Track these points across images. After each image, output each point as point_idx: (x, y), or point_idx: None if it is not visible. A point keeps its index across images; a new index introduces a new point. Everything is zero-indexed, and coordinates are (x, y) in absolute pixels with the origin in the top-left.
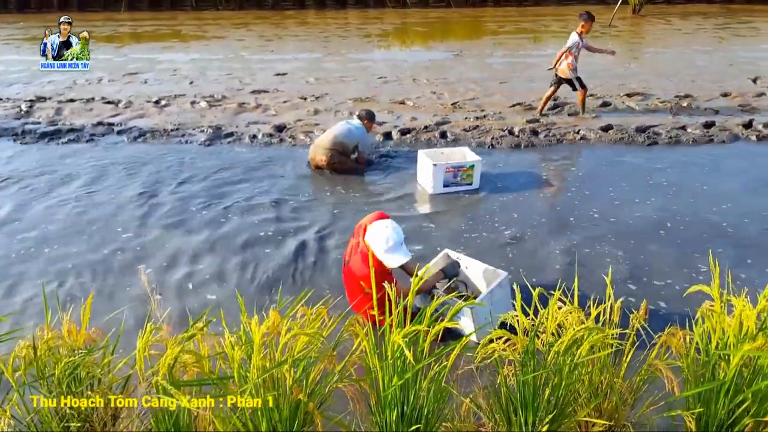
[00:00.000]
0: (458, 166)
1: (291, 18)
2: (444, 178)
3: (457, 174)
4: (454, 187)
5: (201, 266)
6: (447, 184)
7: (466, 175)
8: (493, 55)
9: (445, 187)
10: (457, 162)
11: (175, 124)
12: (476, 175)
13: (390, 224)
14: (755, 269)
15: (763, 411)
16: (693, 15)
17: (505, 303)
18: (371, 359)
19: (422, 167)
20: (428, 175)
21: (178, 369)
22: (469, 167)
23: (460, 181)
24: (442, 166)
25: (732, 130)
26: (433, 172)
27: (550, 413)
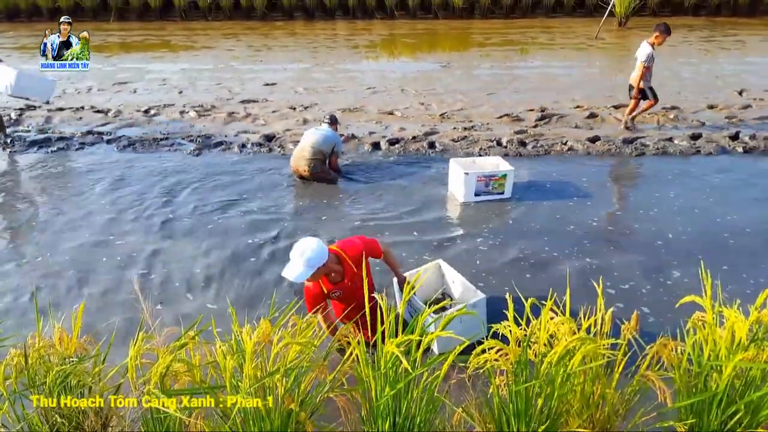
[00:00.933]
0: (490, 175)
1: (280, 29)
2: (476, 187)
3: (489, 183)
4: (485, 196)
5: (193, 275)
6: (478, 192)
7: (498, 185)
8: (480, 67)
9: (476, 195)
10: (490, 171)
11: (165, 133)
12: (508, 184)
13: (306, 241)
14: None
15: (756, 422)
16: (679, 27)
17: (476, 324)
18: (363, 369)
19: (453, 175)
20: (459, 184)
21: (170, 378)
22: (502, 176)
23: (492, 190)
24: (473, 174)
25: (719, 142)
26: (465, 181)
27: (542, 424)
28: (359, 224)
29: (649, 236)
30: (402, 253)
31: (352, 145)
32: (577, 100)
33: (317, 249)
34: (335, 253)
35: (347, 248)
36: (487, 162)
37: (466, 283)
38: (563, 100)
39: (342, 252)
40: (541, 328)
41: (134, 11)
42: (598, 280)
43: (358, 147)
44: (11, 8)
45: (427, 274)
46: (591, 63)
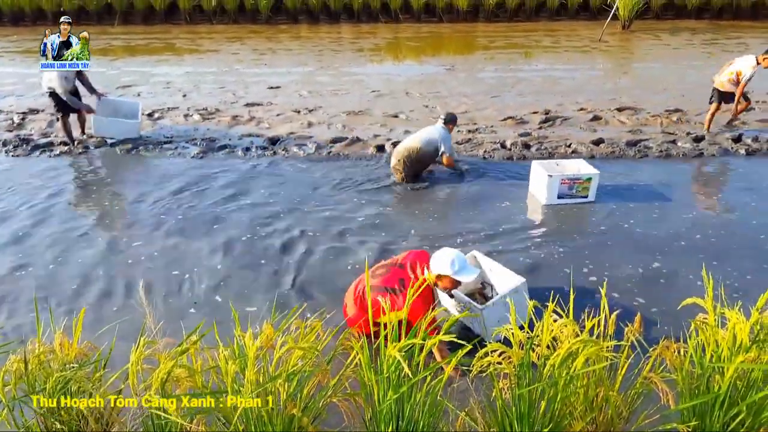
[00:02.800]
0: (575, 178)
1: (284, 32)
2: (559, 190)
3: (573, 186)
4: (568, 198)
5: (195, 279)
6: (561, 195)
7: (582, 188)
8: (484, 70)
9: (559, 198)
10: (574, 174)
11: (168, 136)
12: (593, 187)
13: (450, 250)
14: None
15: (758, 424)
16: (682, 31)
17: (520, 309)
18: (366, 373)
19: (536, 178)
20: (542, 186)
21: (171, 383)
22: (586, 180)
23: (576, 193)
24: (557, 177)
25: (722, 144)
26: (548, 183)
27: (545, 427)
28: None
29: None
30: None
31: (357, 148)
32: (581, 103)
33: (455, 253)
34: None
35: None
36: (570, 165)
37: (504, 270)
38: (567, 102)
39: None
40: (544, 331)
41: (138, 15)
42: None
43: (363, 150)
44: (16, 12)
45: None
46: (594, 66)
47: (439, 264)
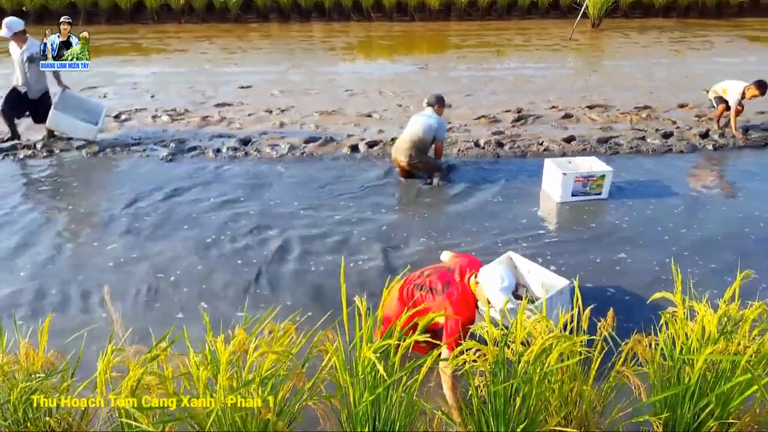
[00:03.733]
0: (588, 175)
1: (255, 31)
2: (573, 188)
3: (587, 183)
4: (582, 196)
5: (165, 283)
6: (575, 193)
7: (596, 185)
8: (457, 69)
9: (573, 196)
10: (588, 171)
11: (136, 138)
12: (606, 185)
13: (502, 267)
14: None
15: (726, 413)
16: (650, 29)
17: (566, 309)
18: (342, 375)
19: (549, 176)
20: (556, 184)
21: (142, 391)
22: (600, 177)
23: (590, 190)
24: (571, 175)
25: (690, 140)
26: (562, 181)
27: (521, 423)
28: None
29: None
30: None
31: (331, 147)
32: (552, 101)
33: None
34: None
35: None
36: (582, 162)
37: (545, 272)
38: (539, 101)
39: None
40: (518, 328)
41: (103, 14)
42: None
43: (337, 150)
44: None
45: (500, 265)
46: (565, 64)
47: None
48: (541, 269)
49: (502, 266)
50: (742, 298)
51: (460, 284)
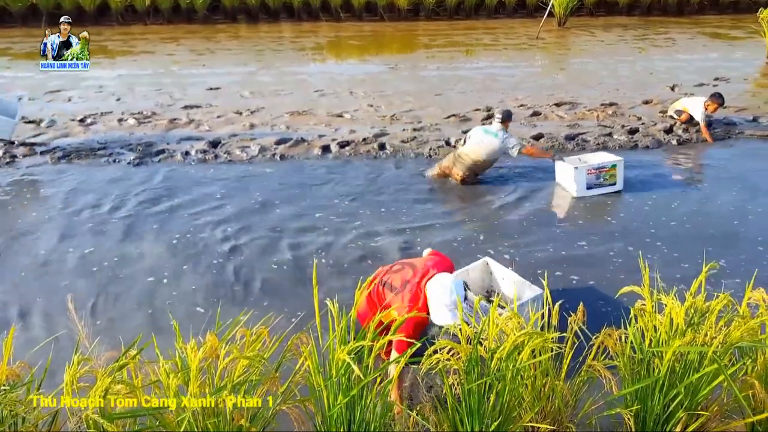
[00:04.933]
0: (600, 167)
1: (222, 32)
2: (587, 181)
3: (600, 175)
4: (597, 189)
5: (134, 290)
6: (590, 186)
7: (609, 176)
8: (427, 68)
9: (588, 189)
10: (599, 163)
11: (102, 142)
12: (619, 175)
13: (456, 283)
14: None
15: (695, 404)
16: (614, 27)
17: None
18: (315, 378)
19: (562, 172)
20: (570, 179)
21: (111, 401)
22: (611, 167)
23: (603, 182)
24: (584, 168)
25: (655, 135)
26: (575, 176)
27: (495, 420)
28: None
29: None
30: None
31: (302, 148)
32: (521, 99)
33: (458, 284)
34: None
35: (445, 262)
36: (591, 157)
37: (518, 279)
38: (507, 99)
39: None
40: (490, 325)
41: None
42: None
43: (309, 151)
44: None
45: (474, 272)
46: (532, 63)
47: (437, 289)
48: (516, 276)
49: (455, 279)
50: (711, 288)
51: (415, 285)
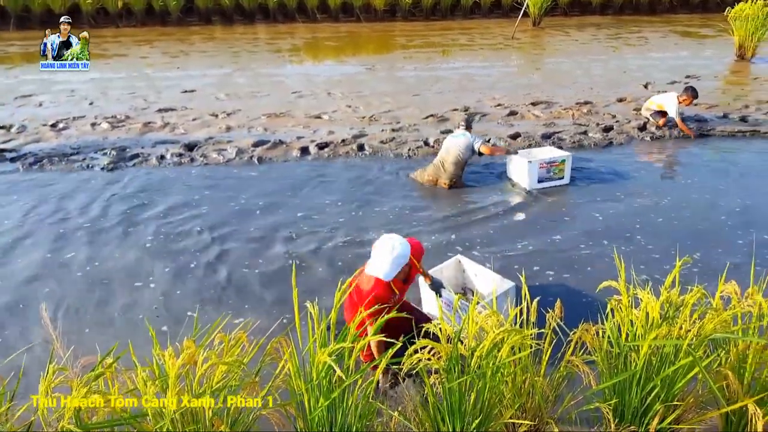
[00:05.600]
0: (551, 161)
1: (197, 34)
2: (538, 174)
3: (550, 169)
4: (547, 182)
5: (109, 297)
6: (541, 179)
7: (558, 170)
8: (404, 69)
9: (539, 182)
10: (550, 158)
11: (75, 147)
12: (567, 169)
13: (403, 243)
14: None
15: (671, 396)
16: (588, 26)
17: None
18: (296, 382)
19: (515, 166)
20: (523, 173)
21: (87, 411)
22: (561, 162)
23: (553, 176)
24: (536, 162)
25: (629, 132)
26: (528, 169)
27: (476, 418)
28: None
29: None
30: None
31: (280, 150)
32: (497, 99)
33: (404, 245)
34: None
35: (413, 247)
36: (542, 152)
37: (491, 274)
38: (484, 99)
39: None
40: (470, 324)
41: (36, 18)
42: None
43: (287, 153)
44: None
45: (448, 270)
46: (508, 62)
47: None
48: (489, 272)
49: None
50: (685, 282)
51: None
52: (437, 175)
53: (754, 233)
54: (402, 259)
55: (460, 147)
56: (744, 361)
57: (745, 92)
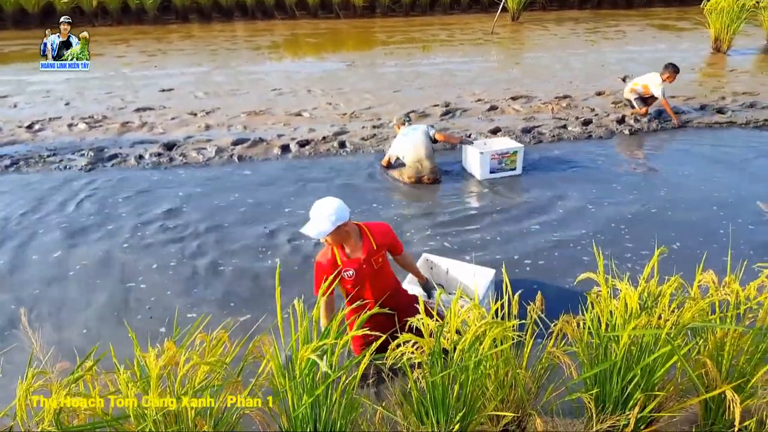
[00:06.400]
0: (503, 152)
1: (174, 32)
2: (490, 165)
3: (502, 160)
4: (500, 172)
5: (87, 299)
6: (493, 170)
7: (510, 161)
8: (385, 65)
9: (491, 173)
10: (503, 149)
11: (52, 149)
12: (519, 161)
13: (341, 205)
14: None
15: (651, 384)
16: (566, 20)
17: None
18: (279, 379)
19: (469, 156)
20: (476, 163)
21: (67, 414)
22: (513, 153)
23: (505, 166)
24: (488, 153)
25: (608, 126)
26: (480, 160)
27: (460, 411)
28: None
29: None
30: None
31: (261, 149)
32: (478, 94)
33: (339, 205)
34: (357, 225)
35: (373, 226)
36: (496, 142)
37: (467, 266)
38: (465, 94)
39: (365, 227)
40: (452, 317)
41: (9, 18)
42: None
43: (268, 151)
44: None
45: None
46: (488, 58)
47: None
48: (462, 264)
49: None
50: (664, 272)
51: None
52: (419, 174)
53: (730, 224)
54: (336, 216)
55: (423, 140)
56: (722, 348)
57: (722, 84)
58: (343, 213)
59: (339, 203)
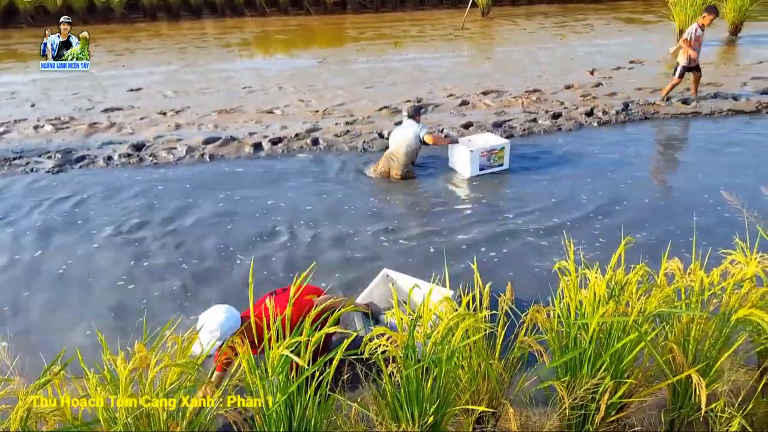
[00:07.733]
0: (491, 149)
1: (142, 30)
2: (480, 162)
3: (491, 157)
4: (488, 169)
5: (55, 304)
6: (482, 167)
7: (498, 157)
8: (356, 61)
9: (481, 170)
10: (491, 145)
11: (18, 151)
12: (506, 156)
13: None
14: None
15: (620, 371)
16: (535, 15)
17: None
18: (251, 378)
19: (457, 155)
20: (465, 162)
21: (35, 421)
22: (501, 149)
23: (493, 163)
24: (478, 151)
25: (577, 119)
26: (470, 158)
27: (434, 403)
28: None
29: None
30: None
31: (232, 147)
32: (449, 89)
33: (223, 319)
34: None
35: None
36: (479, 138)
37: (426, 284)
38: (436, 89)
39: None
40: (425, 311)
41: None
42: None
43: (239, 149)
44: None
45: (378, 289)
46: (459, 53)
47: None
48: (421, 282)
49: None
50: (631, 261)
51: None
52: (388, 167)
53: (694, 212)
54: (212, 333)
55: (408, 138)
56: (688, 334)
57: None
58: (230, 324)
59: (223, 317)
